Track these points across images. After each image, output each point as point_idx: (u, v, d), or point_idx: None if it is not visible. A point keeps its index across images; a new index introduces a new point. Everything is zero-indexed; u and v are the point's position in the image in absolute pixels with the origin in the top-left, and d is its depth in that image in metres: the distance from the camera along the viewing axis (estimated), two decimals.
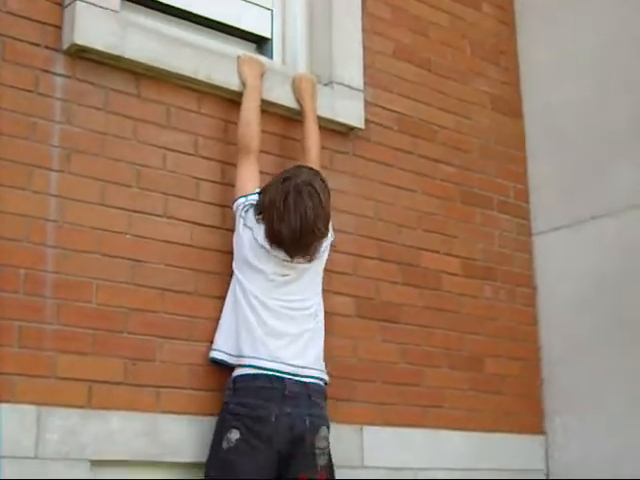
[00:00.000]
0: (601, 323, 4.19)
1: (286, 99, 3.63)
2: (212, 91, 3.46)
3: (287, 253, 3.17)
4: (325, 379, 3.24)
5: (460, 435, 3.96)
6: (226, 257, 3.32)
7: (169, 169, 3.31)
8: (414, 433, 3.80)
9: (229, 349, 3.17)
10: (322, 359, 3.26)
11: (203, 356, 3.23)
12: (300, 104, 3.63)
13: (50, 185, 3.03)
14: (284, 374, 3.10)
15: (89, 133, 3.15)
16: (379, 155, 3.98)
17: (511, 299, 4.35)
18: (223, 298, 3.25)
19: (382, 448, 3.68)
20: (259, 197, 3.23)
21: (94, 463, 2.94)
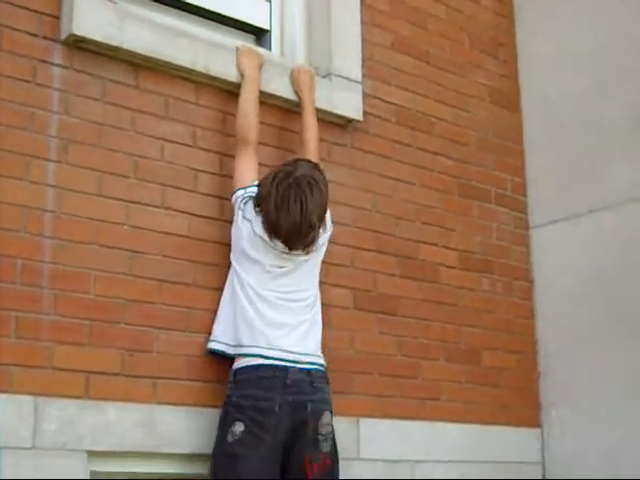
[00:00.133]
0: (598, 316, 4.20)
1: (284, 91, 3.63)
2: (210, 82, 3.46)
3: (285, 245, 3.16)
4: (325, 365, 3.24)
5: (457, 428, 3.96)
6: (224, 249, 3.32)
7: (167, 160, 3.31)
8: (411, 425, 3.81)
9: (228, 339, 3.17)
10: (320, 350, 3.26)
11: (201, 347, 3.23)
12: (298, 96, 3.62)
13: (47, 175, 3.02)
14: (286, 362, 3.10)
15: (87, 124, 3.14)
16: (377, 147, 3.97)
17: (508, 292, 4.35)
18: (221, 289, 3.25)
19: (379, 440, 3.68)
20: (258, 189, 3.23)
21: (91, 454, 2.94)
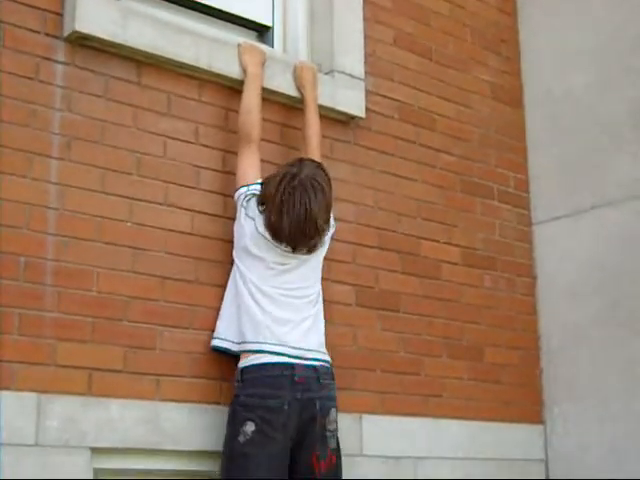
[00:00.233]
0: (600, 313, 4.20)
1: (287, 88, 3.63)
2: (213, 79, 3.45)
3: (289, 245, 3.17)
4: (330, 361, 3.25)
5: (459, 424, 3.97)
6: (227, 245, 3.32)
7: (169, 157, 3.31)
8: (413, 422, 3.81)
9: (232, 337, 3.18)
10: (324, 346, 3.25)
11: (203, 344, 3.23)
12: (301, 93, 3.62)
13: (50, 173, 3.02)
14: (292, 358, 3.10)
15: (89, 121, 3.14)
16: (379, 144, 3.97)
17: (511, 288, 4.35)
18: (224, 286, 3.25)
19: (381, 437, 3.68)
20: (262, 188, 3.22)
21: (94, 450, 2.95)
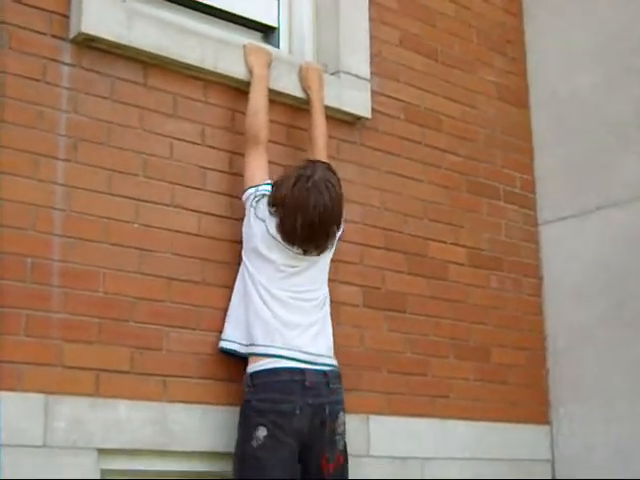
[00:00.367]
0: (606, 313, 4.20)
1: (293, 88, 3.63)
2: (219, 80, 3.45)
3: (300, 247, 3.16)
4: (337, 365, 3.24)
5: (466, 425, 3.96)
6: (234, 246, 3.32)
7: (176, 158, 3.31)
8: (420, 423, 3.81)
9: (240, 338, 3.17)
10: (332, 350, 3.25)
11: (210, 345, 3.23)
12: (307, 94, 3.62)
13: (57, 174, 3.03)
14: (302, 363, 3.10)
15: (96, 122, 3.14)
16: (386, 145, 3.97)
17: (517, 289, 4.35)
18: (230, 287, 3.25)
19: (388, 437, 3.68)
20: (272, 190, 3.21)
21: (101, 452, 2.95)
